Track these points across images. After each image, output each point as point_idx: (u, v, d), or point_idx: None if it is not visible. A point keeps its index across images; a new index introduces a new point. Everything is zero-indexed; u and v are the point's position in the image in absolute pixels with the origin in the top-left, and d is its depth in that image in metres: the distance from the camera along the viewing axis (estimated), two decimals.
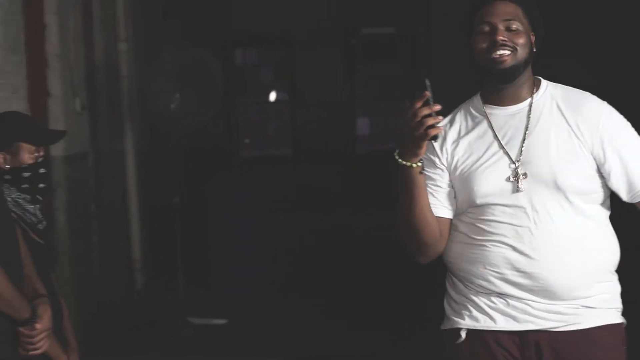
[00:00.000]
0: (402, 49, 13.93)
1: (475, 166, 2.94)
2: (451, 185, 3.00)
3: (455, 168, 2.97)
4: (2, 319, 2.86)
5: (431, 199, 2.97)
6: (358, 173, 13.69)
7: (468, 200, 2.94)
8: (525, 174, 2.88)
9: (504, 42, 2.89)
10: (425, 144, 2.79)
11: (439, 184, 3.00)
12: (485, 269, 2.91)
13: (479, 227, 2.93)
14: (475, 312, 2.97)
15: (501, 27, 2.90)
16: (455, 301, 3.02)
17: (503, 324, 2.93)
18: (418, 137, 2.76)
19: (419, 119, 2.73)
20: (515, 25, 2.91)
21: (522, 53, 2.90)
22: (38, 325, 2.93)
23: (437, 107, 2.74)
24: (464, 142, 2.99)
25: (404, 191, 2.89)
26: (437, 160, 3.00)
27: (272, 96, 14.98)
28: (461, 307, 2.99)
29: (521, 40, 2.91)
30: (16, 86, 6.15)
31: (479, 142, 2.97)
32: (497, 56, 2.88)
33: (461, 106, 3.07)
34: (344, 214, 12.77)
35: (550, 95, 2.99)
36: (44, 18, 6.70)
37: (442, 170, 3.00)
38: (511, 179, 2.89)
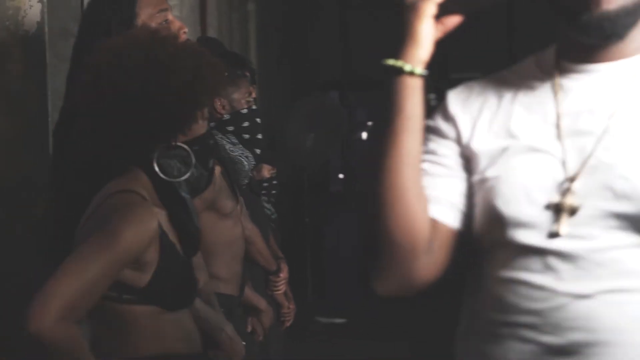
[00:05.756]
0: None
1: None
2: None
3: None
4: (261, 270, 4.33)
5: (427, 182, 1.72)
6: None
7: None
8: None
9: None
10: (432, 31, 1.70)
11: (442, 161, 1.76)
12: None
13: None
14: None
15: None
16: None
17: None
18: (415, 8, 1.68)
19: None
20: None
21: None
22: (281, 275, 4.35)
23: None
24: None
25: (385, 122, 1.69)
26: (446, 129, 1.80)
27: (364, 135, 16.41)
28: None
29: None
30: None
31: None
32: None
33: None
34: None
35: None
36: None
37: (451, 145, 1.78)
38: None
